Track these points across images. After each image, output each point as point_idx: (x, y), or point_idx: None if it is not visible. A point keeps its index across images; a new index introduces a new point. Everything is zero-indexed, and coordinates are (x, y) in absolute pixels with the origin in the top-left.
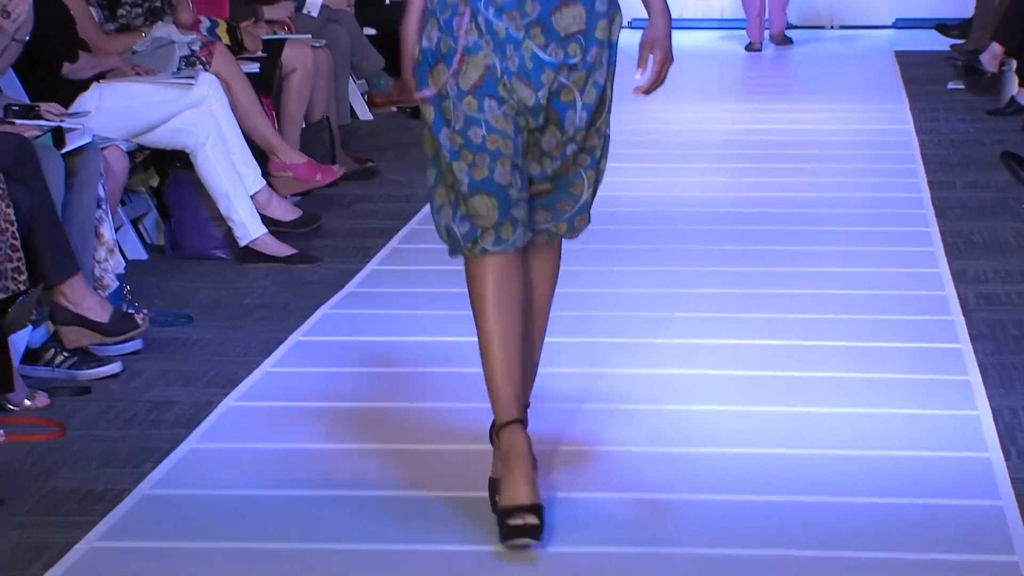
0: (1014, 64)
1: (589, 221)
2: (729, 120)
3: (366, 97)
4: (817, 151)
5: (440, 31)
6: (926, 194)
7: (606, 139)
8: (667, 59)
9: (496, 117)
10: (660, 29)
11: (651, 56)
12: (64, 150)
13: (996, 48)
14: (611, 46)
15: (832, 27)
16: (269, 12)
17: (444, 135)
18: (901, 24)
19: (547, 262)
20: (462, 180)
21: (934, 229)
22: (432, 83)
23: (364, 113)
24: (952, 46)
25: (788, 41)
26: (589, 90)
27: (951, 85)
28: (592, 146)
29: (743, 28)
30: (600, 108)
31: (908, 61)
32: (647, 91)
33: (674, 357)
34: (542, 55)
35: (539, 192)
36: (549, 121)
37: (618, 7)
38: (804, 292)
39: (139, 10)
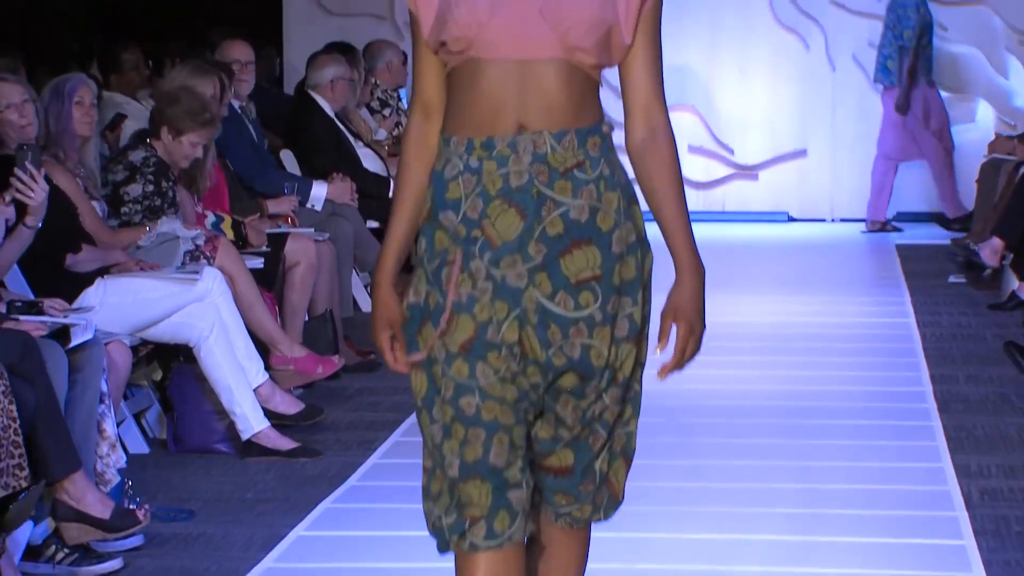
0: (1012, 258)
1: (621, 499)
2: (728, 312)
3: (369, 290)
4: (818, 344)
5: (428, 284)
6: (928, 388)
7: (636, 396)
8: (693, 333)
9: (492, 384)
10: (687, 294)
11: (675, 327)
12: (68, 347)
13: (996, 242)
14: (635, 291)
15: (832, 220)
16: (273, 206)
17: (436, 408)
18: (902, 217)
19: (571, 554)
20: (452, 463)
21: (936, 423)
22: (422, 345)
23: (367, 305)
24: (953, 239)
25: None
26: (626, 354)
27: (952, 278)
28: (627, 418)
29: (744, 221)
30: (630, 368)
31: (909, 254)
32: (666, 372)
33: (670, 553)
34: (549, 306)
35: (557, 470)
36: (563, 387)
37: (647, 245)
38: (806, 487)
39: (138, 207)
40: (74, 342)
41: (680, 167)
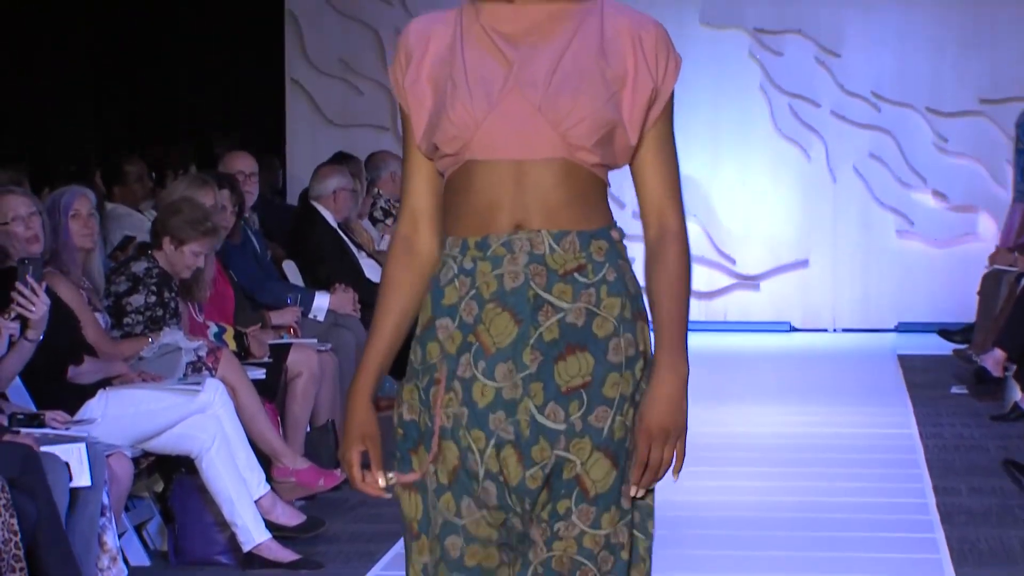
0: (1015, 369)
1: None
2: (730, 423)
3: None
4: (820, 455)
5: (420, 402)
6: (931, 500)
7: (636, 541)
8: (654, 440)
9: (476, 522)
10: (653, 394)
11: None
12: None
13: (999, 354)
14: (624, 406)
15: (834, 330)
16: (276, 317)
17: (425, 541)
18: (903, 328)
19: None
20: None
21: (940, 535)
22: (417, 466)
23: None
24: (955, 350)
25: None
26: (597, 468)
27: (955, 389)
28: (614, 544)
29: (746, 331)
30: (606, 484)
31: (911, 365)
32: (633, 486)
33: None
34: (540, 419)
35: None
36: (543, 509)
37: (650, 363)
38: None
39: (140, 317)
40: (74, 483)
41: (689, 275)
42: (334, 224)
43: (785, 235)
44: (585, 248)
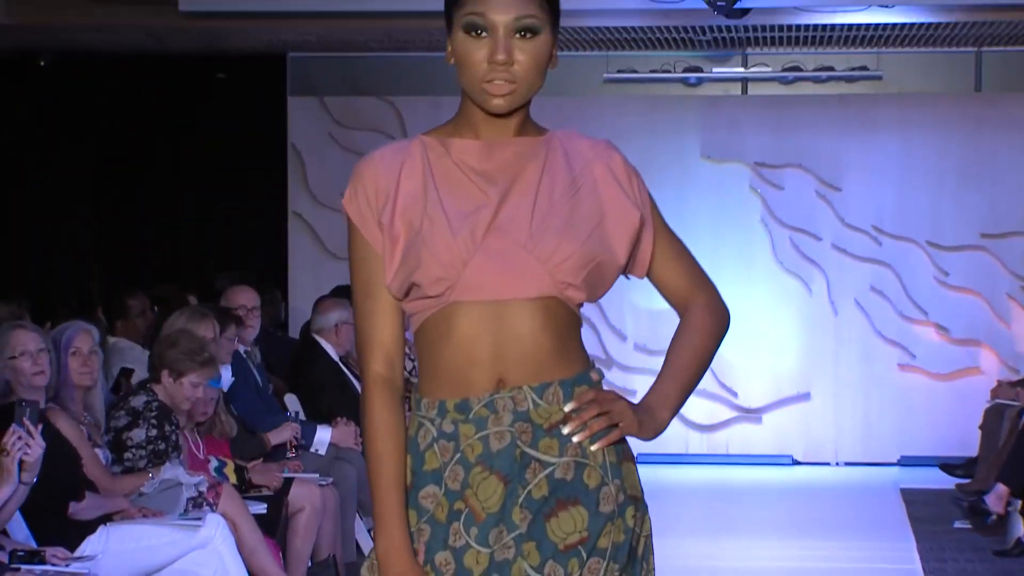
0: (1020, 504)
1: None
2: (731, 557)
3: (372, 534)
4: None
5: None
6: None
7: None
8: (604, 398)
9: None
10: (635, 406)
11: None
12: None
13: (1001, 489)
14: (622, 556)
15: (837, 463)
16: (275, 436)
17: None
18: (906, 462)
19: None
20: None
21: None
22: None
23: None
24: (958, 485)
25: None
26: None
27: (957, 524)
28: None
29: (748, 464)
30: None
31: (914, 499)
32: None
33: None
34: None
35: None
36: None
37: (643, 506)
38: None
39: (143, 452)
40: None
41: (714, 330)
42: (336, 357)
43: (787, 368)
44: (569, 398)
